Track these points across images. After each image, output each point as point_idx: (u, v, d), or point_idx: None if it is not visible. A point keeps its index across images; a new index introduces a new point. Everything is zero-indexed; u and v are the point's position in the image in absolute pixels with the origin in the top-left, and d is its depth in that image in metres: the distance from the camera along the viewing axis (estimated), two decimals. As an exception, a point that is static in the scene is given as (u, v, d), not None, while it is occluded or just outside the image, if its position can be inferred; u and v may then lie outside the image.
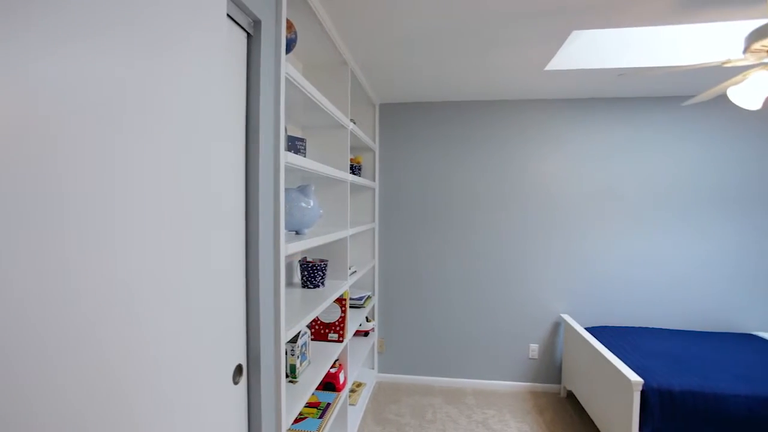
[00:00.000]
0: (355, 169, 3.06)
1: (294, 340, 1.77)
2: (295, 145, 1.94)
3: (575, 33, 2.15)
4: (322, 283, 2.15)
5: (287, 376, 1.74)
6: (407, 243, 3.38)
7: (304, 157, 1.97)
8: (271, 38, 1.30)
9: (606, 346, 2.63)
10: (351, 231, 2.42)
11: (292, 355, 1.74)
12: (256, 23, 1.23)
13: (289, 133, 2.23)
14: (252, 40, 1.24)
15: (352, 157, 3.24)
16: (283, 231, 1.35)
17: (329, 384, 2.26)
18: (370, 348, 3.36)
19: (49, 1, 0.56)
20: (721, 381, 2.13)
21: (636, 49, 2.41)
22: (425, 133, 3.34)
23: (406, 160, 3.37)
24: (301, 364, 1.81)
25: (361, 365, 3.03)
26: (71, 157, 0.59)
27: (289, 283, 2.29)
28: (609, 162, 3.13)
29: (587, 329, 3.01)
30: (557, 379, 3.23)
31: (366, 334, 3.20)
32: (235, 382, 1.15)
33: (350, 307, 2.84)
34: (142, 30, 0.71)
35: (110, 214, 0.65)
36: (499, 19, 1.86)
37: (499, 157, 3.25)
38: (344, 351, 2.36)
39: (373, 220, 3.35)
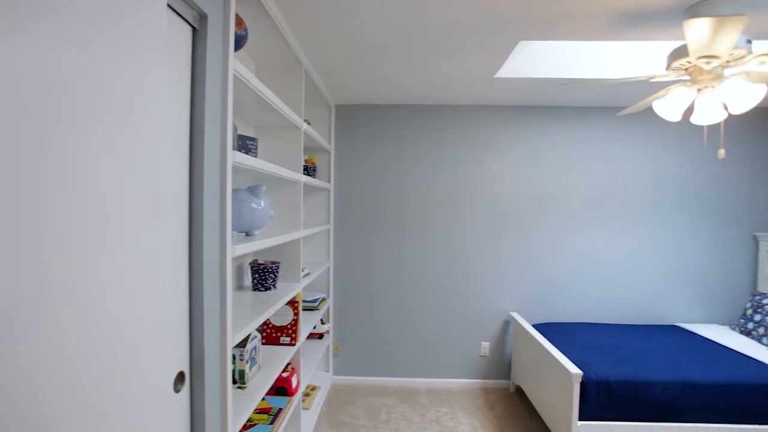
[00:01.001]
0: (309, 170, 3.02)
1: (243, 344, 1.72)
2: (246, 144, 1.89)
3: (523, 43, 2.26)
4: (274, 286, 2.10)
5: (235, 382, 1.69)
6: (362, 244, 3.39)
7: (255, 157, 1.93)
8: (218, 33, 1.26)
9: (550, 342, 2.77)
10: (304, 232, 2.39)
11: (241, 360, 1.69)
12: (202, 17, 1.19)
13: (240, 133, 2.17)
14: (197, 34, 1.20)
15: (307, 157, 3.20)
16: (230, 232, 1.31)
17: (281, 389, 2.21)
18: (325, 350, 3.33)
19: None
20: (649, 369, 2.31)
21: (577, 62, 2.57)
22: (381, 135, 3.37)
23: (362, 162, 3.38)
24: (250, 369, 1.76)
25: (315, 368, 3.00)
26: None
27: (240, 286, 2.23)
28: (555, 167, 3.31)
29: (534, 326, 3.17)
30: (507, 375, 3.36)
31: (321, 336, 3.16)
32: (177, 390, 1.10)
33: (303, 309, 2.80)
34: (70, 19, 0.66)
35: (29, 215, 0.60)
36: (450, 27, 1.92)
37: (452, 161, 3.34)
38: (297, 354, 2.32)
39: (328, 222, 3.33)
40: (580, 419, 2.19)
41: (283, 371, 2.24)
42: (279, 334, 2.24)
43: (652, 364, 2.38)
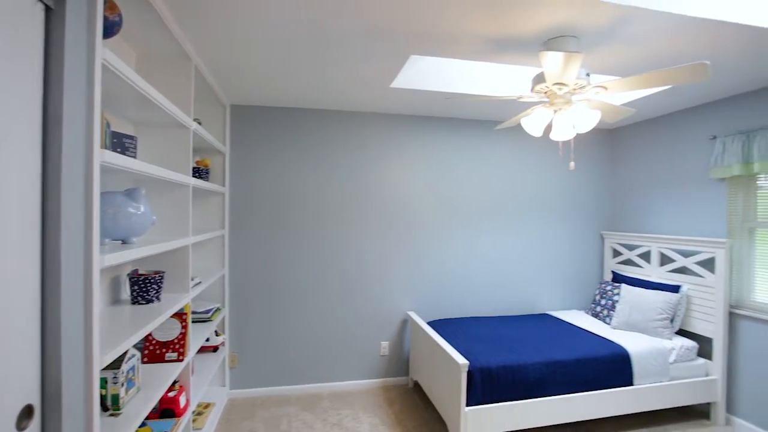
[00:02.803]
0: (201, 173, 2.83)
1: (117, 365, 1.54)
2: (122, 142, 1.71)
3: (415, 57, 2.42)
4: (157, 298, 1.92)
5: (107, 409, 1.51)
6: (260, 250, 3.27)
7: (134, 157, 1.75)
8: (81, 16, 1.13)
9: (443, 336, 2.99)
10: (194, 239, 2.23)
11: (115, 383, 1.51)
12: (59, -4, 1.05)
13: (116, 129, 1.94)
14: (53, 14, 1.05)
15: (199, 159, 2.99)
16: (97, 240, 1.17)
17: (167, 410, 2.02)
18: (220, 363, 3.12)
19: None
20: (524, 353, 2.63)
21: (463, 78, 2.83)
22: (280, 138, 3.30)
23: (260, 165, 3.27)
24: (126, 392, 1.58)
25: (208, 384, 2.79)
26: None
27: (116, 300, 1.98)
28: (444, 173, 3.58)
29: (429, 323, 3.38)
30: (406, 371, 3.53)
31: (215, 349, 2.97)
32: (21, 428, 0.94)
33: (194, 321, 2.60)
34: None
35: None
36: (344, 36, 1.97)
37: (350, 165, 3.41)
38: (186, 370, 2.14)
39: (223, 227, 3.15)
40: (467, 405, 2.39)
41: (169, 390, 2.05)
42: (164, 350, 2.05)
43: (526, 349, 2.72)
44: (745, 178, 2.82)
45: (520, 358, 2.58)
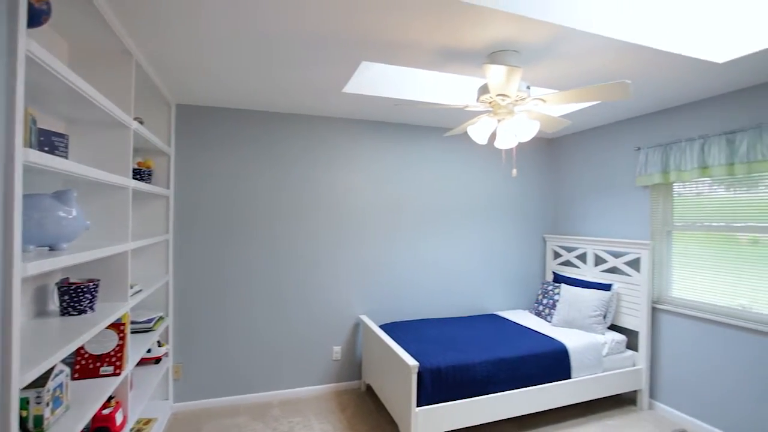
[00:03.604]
0: (143, 175, 2.68)
1: (42, 383, 1.42)
2: (51, 141, 1.58)
3: (366, 63, 2.45)
4: (91, 308, 1.79)
5: None
6: (208, 255, 3.15)
7: (65, 157, 1.63)
8: (1, 3, 1.05)
9: (394, 339, 3.03)
10: (134, 244, 2.11)
11: (38, 402, 1.39)
12: (-24, -17, 0.97)
13: (45, 127, 1.80)
14: (-31, 3, 0.97)
15: (141, 160, 2.83)
16: (18, 246, 1.08)
17: (102, 428, 1.89)
18: (163, 375, 2.96)
19: None
20: (472, 353, 2.74)
21: (414, 86, 2.91)
22: (231, 140, 3.20)
23: (209, 167, 3.15)
24: (52, 412, 1.46)
25: (149, 398, 2.64)
26: None
27: (42, 312, 1.83)
28: (397, 178, 3.65)
29: (381, 326, 3.41)
30: (358, 375, 3.53)
31: (157, 360, 2.81)
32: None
33: (133, 332, 2.46)
34: None
35: None
36: (295, 40, 1.97)
37: (303, 169, 3.38)
38: (124, 385, 2.01)
39: (167, 231, 3.00)
40: (418, 405, 2.45)
41: (104, 407, 1.92)
42: (99, 363, 1.91)
43: (474, 348, 2.82)
44: (664, 186, 3.13)
45: (468, 357, 2.68)
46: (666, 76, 2.42)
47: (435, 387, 2.51)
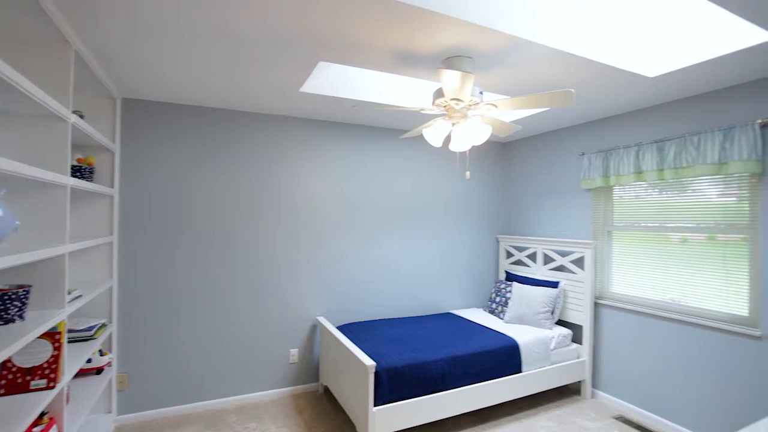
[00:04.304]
0: (83, 172, 2.51)
1: (-37, 398, 1.30)
2: (-26, 134, 1.45)
3: (324, 64, 2.44)
4: (20, 316, 1.66)
5: (-53, 451, 1.26)
6: (157, 258, 3.00)
7: (-10, 151, 1.50)
8: None
9: (352, 340, 3.03)
10: (72, 246, 1.97)
11: (-42, 419, 1.27)
12: None
13: (-34, 118, 1.65)
14: None
15: (81, 157, 2.65)
16: (-65, 249, 0.98)
17: (33, 447, 1.75)
18: (106, 387, 2.78)
19: None
20: (428, 351, 2.79)
21: (371, 87, 2.93)
22: (183, 138, 3.07)
23: (159, 166, 3.01)
24: (-25, 429, 1.34)
25: (89, 411, 2.47)
26: None
27: (-38, 322, 1.66)
28: (355, 178, 3.66)
29: (338, 327, 3.40)
30: (316, 377, 3.50)
31: (99, 371, 2.64)
32: None
33: (71, 341, 2.29)
34: None
35: None
36: (249, 38, 1.93)
37: (259, 169, 3.31)
38: (58, 399, 1.87)
39: (111, 233, 2.83)
40: (375, 405, 2.46)
41: (35, 425, 1.78)
42: (29, 377, 1.77)
43: (430, 347, 2.88)
44: (605, 189, 3.36)
45: (424, 356, 2.73)
46: (605, 87, 2.60)
47: (392, 386, 2.54)
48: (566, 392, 3.46)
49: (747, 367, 2.46)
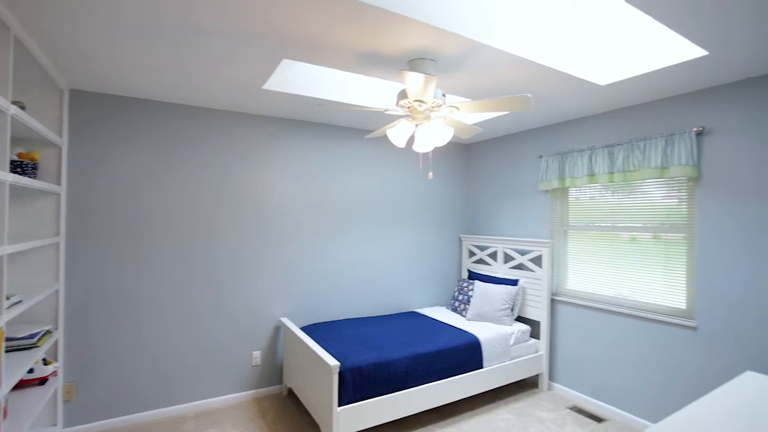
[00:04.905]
0: (25, 168, 2.34)
1: None
2: None
3: (288, 62, 2.41)
4: (-49, 323, 1.53)
5: None
6: (110, 260, 2.84)
7: None
8: None
9: (315, 340, 3.01)
10: (11, 248, 1.84)
11: None
12: None
13: None
14: None
15: (22, 151, 2.47)
16: None
17: (-34, 464, 1.62)
18: (50, 398, 2.61)
19: None
20: (392, 350, 2.82)
21: (337, 87, 2.92)
22: (139, 134, 2.93)
23: (112, 162, 2.85)
24: None
25: (30, 425, 2.31)
26: None
27: None
28: (319, 177, 3.63)
29: (302, 328, 3.36)
30: (279, 380, 3.44)
31: (42, 381, 2.47)
32: None
33: (9, 350, 2.13)
34: None
35: None
36: (210, 32, 1.88)
37: (219, 167, 3.22)
38: (-4, 411, 1.74)
39: (57, 234, 2.65)
40: (339, 405, 2.46)
41: (-31, 438, 1.64)
42: (-39, 388, 1.64)
43: (394, 346, 2.91)
44: (561, 191, 3.52)
45: (388, 354, 2.75)
46: (561, 93, 2.73)
47: (356, 386, 2.54)
48: (525, 386, 3.59)
49: (685, 356, 2.66)
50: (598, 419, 3.01)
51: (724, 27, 1.77)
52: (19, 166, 2.29)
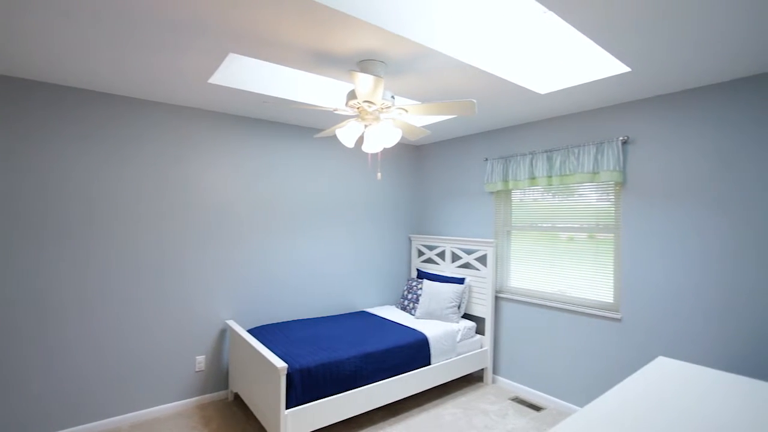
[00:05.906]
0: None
1: None
2: None
3: (234, 56, 2.33)
4: None
5: None
6: (34, 261, 2.59)
7: None
8: None
9: (263, 343, 2.94)
10: None
11: None
12: None
13: None
14: None
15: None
16: None
17: None
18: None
19: None
20: (341, 350, 2.82)
21: (286, 83, 2.87)
22: (70, 125, 2.70)
23: (37, 155, 2.60)
24: None
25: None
26: None
27: None
28: (267, 176, 3.55)
29: (249, 330, 3.27)
30: (225, 385, 3.32)
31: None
32: None
33: None
34: None
35: None
36: (152, 21, 1.78)
37: (159, 164, 3.04)
38: None
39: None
40: (287, 407, 2.42)
41: None
42: None
43: (343, 345, 2.91)
44: (505, 193, 3.70)
45: (337, 354, 2.75)
46: (504, 99, 2.87)
47: (305, 387, 2.51)
48: (471, 380, 3.74)
49: (612, 346, 2.90)
50: (537, 408, 3.20)
51: (644, 47, 1.96)
52: None
